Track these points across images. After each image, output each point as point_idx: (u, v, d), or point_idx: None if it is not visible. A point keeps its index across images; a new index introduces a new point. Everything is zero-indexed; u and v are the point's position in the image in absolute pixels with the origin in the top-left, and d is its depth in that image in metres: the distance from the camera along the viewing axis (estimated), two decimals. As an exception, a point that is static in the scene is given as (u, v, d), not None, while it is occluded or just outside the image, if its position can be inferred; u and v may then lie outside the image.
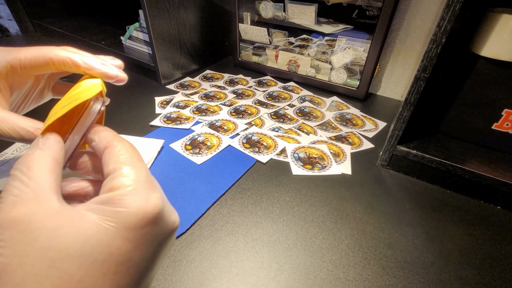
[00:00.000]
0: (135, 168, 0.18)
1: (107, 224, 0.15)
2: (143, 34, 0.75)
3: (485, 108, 0.42)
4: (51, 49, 0.23)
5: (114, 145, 0.19)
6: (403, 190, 0.42)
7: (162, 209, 0.17)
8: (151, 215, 0.16)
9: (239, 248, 0.32)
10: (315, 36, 0.72)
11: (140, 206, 0.16)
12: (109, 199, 0.16)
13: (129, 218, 0.16)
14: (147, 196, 0.17)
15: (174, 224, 0.18)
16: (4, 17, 0.99)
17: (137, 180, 0.17)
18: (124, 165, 0.18)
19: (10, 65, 0.23)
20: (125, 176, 0.17)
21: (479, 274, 0.31)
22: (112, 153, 0.18)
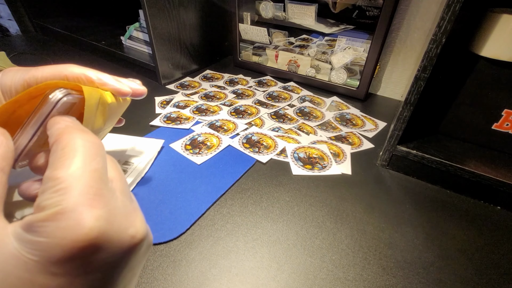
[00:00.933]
0: (74, 176, 0.14)
1: (26, 258, 0.12)
2: (143, 34, 0.75)
3: (485, 108, 0.42)
4: (66, 67, 0.23)
5: (59, 141, 0.15)
6: (403, 190, 0.42)
7: (103, 231, 0.13)
8: (84, 243, 0.13)
9: (239, 248, 0.32)
10: (315, 36, 0.72)
11: (66, 235, 0.12)
12: (30, 225, 0.13)
13: (53, 250, 0.12)
14: (78, 218, 0.13)
15: (133, 239, 0.15)
16: (4, 17, 0.99)
17: (70, 195, 0.13)
18: (59, 172, 0.14)
19: (27, 83, 0.23)
20: (54, 190, 0.13)
21: (479, 274, 0.31)
22: (54, 152, 0.15)
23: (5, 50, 0.70)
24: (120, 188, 0.16)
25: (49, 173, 0.14)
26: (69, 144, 0.15)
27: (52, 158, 0.15)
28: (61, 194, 0.13)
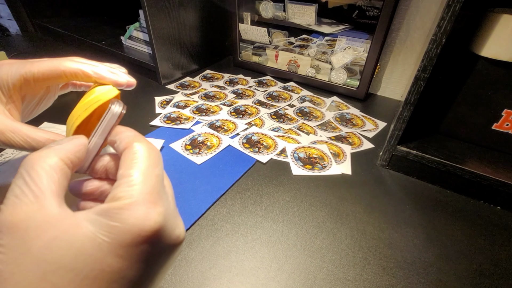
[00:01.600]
0: (143, 177, 0.17)
1: (101, 239, 0.15)
2: (143, 34, 0.75)
3: (485, 108, 0.42)
4: (62, 62, 0.24)
5: (132, 146, 0.18)
6: (403, 190, 0.42)
7: (162, 226, 0.16)
8: (148, 233, 0.15)
9: (239, 248, 0.32)
10: (315, 36, 0.72)
11: (136, 223, 0.15)
12: (107, 211, 0.15)
13: (124, 235, 0.15)
14: (146, 211, 0.16)
15: (178, 239, 0.17)
16: (4, 17, 0.99)
17: (140, 192, 0.16)
18: (132, 172, 0.17)
19: (23, 78, 0.24)
20: (128, 186, 0.16)
21: (479, 274, 0.31)
22: (127, 155, 0.18)
23: (5, 50, 0.70)
24: (170, 194, 0.19)
25: (123, 171, 0.17)
26: (140, 150, 0.18)
27: (125, 159, 0.17)
28: (134, 189, 0.16)
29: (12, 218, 0.14)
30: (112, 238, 0.15)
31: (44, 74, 0.24)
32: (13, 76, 0.23)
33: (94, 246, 0.14)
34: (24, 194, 0.15)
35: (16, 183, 0.15)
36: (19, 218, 0.14)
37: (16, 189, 0.15)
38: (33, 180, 0.15)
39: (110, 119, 0.20)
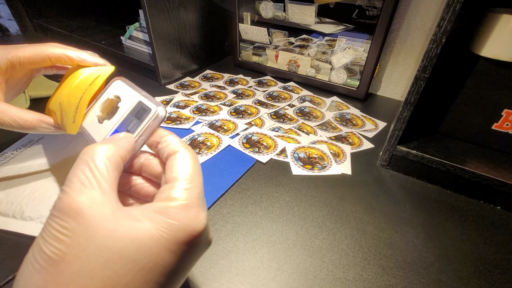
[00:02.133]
0: (194, 183, 0.18)
1: (159, 235, 0.16)
2: (143, 34, 0.75)
3: (485, 108, 0.42)
4: (47, 47, 0.27)
5: (182, 152, 0.20)
6: (403, 190, 0.42)
7: (206, 228, 0.18)
8: (197, 233, 0.17)
9: (239, 248, 0.32)
10: (315, 36, 0.72)
11: (190, 223, 0.17)
12: (165, 209, 0.17)
13: (180, 232, 0.16)
14: (197, 214, 0.17)
15: (209, 242, 0.19)
16: (4, 17, 0.99)
17: (192, 196, 0.18)
18: (185, 177, 0.18)
19: (10, 62, 0.26)
20: (183, 189, 0.18)
21: (479, 274, 0.31)
22: (178, 160, 0.19)
23: (5, 50, 0.70)
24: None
25: (177, 175, 0.18)
26: (190, 157, 0.20)
27: (176, 163, 0.19)
28: (188, 193, 0.18)
29: (78, 203, 0.15)
30: (169, 234, 0.16)
31: (29, 59, 0.26)
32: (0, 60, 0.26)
33: (152, 240, 0.16)
34: (90, 182, 0.16)
35: (81, 169, 0.16)
36: (85, 204, 0.15)
37: (81, 175, 0.16)
38: (99, 170, 0.17)
39: (155, 121, 0.22)
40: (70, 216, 0.15)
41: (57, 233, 0.15)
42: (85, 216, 0.15)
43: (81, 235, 0.15)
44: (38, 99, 0.56)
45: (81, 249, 0.15)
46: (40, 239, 0.15)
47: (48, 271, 0.14)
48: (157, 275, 0.16)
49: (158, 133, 0.21)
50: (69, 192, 0.16)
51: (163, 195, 0.18)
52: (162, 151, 0.21)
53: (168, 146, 0.20)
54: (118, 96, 0.24)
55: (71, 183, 0.16)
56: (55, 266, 0.14)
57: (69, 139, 0.45)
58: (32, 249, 0.15)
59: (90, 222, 0.15)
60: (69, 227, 0.15)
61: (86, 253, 0.15)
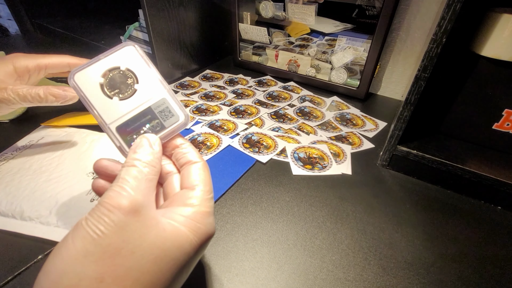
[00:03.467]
0: (212, 194, 0.21)
1: (192, 236, 0.18)
2: (143, 34, 0.75)
3: (486, 108, 0.42)
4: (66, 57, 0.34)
5: (203, 164, 0.22)
6: (403, 190, 0.42)
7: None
8: (211, 236, 0.20)
9: (239, 248, 0.32)
10: (315, 36, 0.72)
11: (210, 227, 0.20)
12: (195, 214, 0.19)
13: (203, 235, 0.19)
14: (213, 220, 0.21)
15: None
16: (4, 17, 0.99)
17: (211, 205, 0.21)
18: (207, 188, 0.21)
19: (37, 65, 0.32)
20: (206, 198, 0.20)
21: (479, 275, 0.31)
22: (200, 171, 0.22)
23: (5, 50, 0.70)
24: None
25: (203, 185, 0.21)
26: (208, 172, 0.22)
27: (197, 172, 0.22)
28: (209, 202, 0.21)
29: (138, 202, 0.17)
30: (197, 237, 0.19)
31: (54, 64, 0.33)
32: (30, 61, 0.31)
33: (187, 241, 0.18)
34: (146, 189, 0.18)
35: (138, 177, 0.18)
36: (143, 204, 0.17)
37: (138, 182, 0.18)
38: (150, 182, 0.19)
39: (179, 129, 0.23)
40: (129, 212, 0.16)
41: (115, 227, 0.16)
42: (141, 215, 0.17)
43: (137, 232, 0.16)
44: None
45: (136, 244, 0.16)
46: (91, 231, 0.15)
47: (104, 264, 0.15)
48: (185, 269, 0.19)
49: (178, 138, 0.24)
50: (129, 190, 0.17)
51: (188, 200, 0.20)
52: (179, 157, 0.23)
53: (187, 155, 0.23)
54: (134, 74, 0.22)
55: (128, 183, 0.17)
56: (112, 259, 0.15)
57: (69, 138, 0.45)
58: (79, 240, 0.15)
59: (146, 221, 0.17)
60: (127, 221, 0.16)
61: (140, 249, 0.16)
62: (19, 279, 0.28)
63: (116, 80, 0.22)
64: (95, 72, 0.21)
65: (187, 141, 0.24)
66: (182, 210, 0.19)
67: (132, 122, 0.21)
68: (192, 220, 0.19)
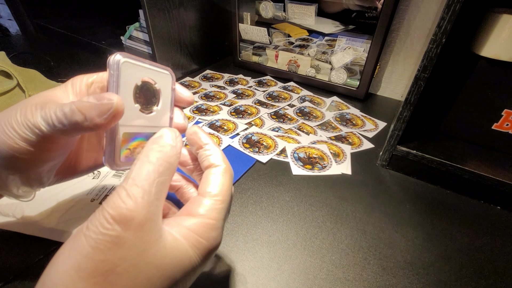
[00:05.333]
0: (225, 203, 0.19)
1: (192, 252, 0.17)
2: (143, 34, 0.75)
3: (485, 108, 0.42)
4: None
5: (222, 169, 0.20)
6: (403, 190, 0.42)
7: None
8: (214, 251, 0.19)
9: (239, 248, 0.32)
10: (315, 36, 0.72)
11: (214, 243, 0.18)
12: (198, 226, 0.17)
13: (204, 250, 0.17)
14: (219, 234, 0.19)
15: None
16: (4, 17, 0.99)
17: (220, 217, 0.19)
18: (219, 197, 0.19)
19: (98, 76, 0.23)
20: (215, 208, 0.19)
21: (479, 275, 0.31)
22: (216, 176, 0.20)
23: (5, 50, 0.70)
24: None
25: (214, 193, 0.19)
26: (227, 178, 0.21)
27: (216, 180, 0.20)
28: (218, 213, 0.19)
29: (142, 215, 0.15)
30: (198, 253, 0.17)
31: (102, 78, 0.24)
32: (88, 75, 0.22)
33: (186, 258, 0.17)
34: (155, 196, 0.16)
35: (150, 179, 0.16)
36: (146, 218, 0.15)
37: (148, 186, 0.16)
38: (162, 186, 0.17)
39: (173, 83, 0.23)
40: (130, 227, 0.14)
41: (112, 243, 0.14)
42: (144, 230, 0.15)
43: (135, 249, 0.15)
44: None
45: (132, 263, 0.14)
46: (88, 243, 0.14)
47: (96, 281, 0.14)
48: (180, 285, 0.17)
49: (201, 137, 0.22)
50: (136, 198, 0.15)
51: (195, 208, 0.18)
52: (203, 158, 0.21)
53: (210, 157, 0.21)
54: (159, 97, 0.22)
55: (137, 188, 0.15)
56: (104, 277, 0.14)
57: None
58: (74, 252, 0.14)
59: (146, 237, 0.15)
60: (126, 237, 0.14)
61: (135, 268, 0.15)
62: (19, 279, 0.28)
63: (146, 92, 0.21)
64: (140, 73, 0.21)
65: (212, 140, 0.22)
66: (186, 221, 0.17)
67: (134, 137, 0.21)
68: (194, 233, 0.17)
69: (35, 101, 0.19)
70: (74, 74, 0.23)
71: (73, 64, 0.77)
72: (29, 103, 0.18)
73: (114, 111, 0.17)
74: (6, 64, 0.60)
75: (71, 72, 0.71)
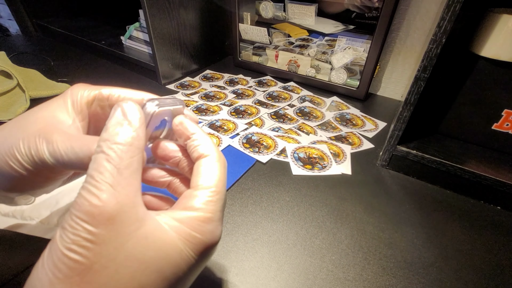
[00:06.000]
0: (219, 194, 0.18)
1: (183, 247, 0.16)
2: (143, 34, 0.75)
3: (485, 108, 0.42)
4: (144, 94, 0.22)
5: (212, 158, 0.19)
6: (403, 190, 0.42)
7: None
8: (213, 246, 0.17)
9: (239, 248, 0.32)
10: (315, 36, 0.72)
11: (210, 237, 0.17)
12: (190, 220, 0.16)
13: (199, 245, 0.16)
14: (217, 227, 0.17)
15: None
16: (4, 17, 0.99)
17: (216, 209, 0.17)
18: (212, 188, 0.18)
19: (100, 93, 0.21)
20: (209, 200, 0.17)
21: (479, 274, 0.31)
22: (207, 166, 0.18)
23: (5, 50, 0.70)
24: None
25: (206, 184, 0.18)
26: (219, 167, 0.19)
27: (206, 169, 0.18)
28: (213, 205, 0.17)
29: (110, 208, 0.14)
30: (190, 247, 0.16)
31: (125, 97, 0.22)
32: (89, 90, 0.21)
33: (176, 252, 0.15)
34: (120, 185, 0.14)
35: (106, 168, 0.14)
36: (117, 210, 0.14)
37: (108, 176, 0.14)
38: (125, 171, 0.15)
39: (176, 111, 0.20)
40: (100, 222, 0.14)
41: (84, 240, 0.13)
42: (116, 222, 0.14)
43: (111, 243, 0.14)
44: (38, 99, 0.56)
45: (110, 258, 0.14)
46: (61, 245, 0.14)
47: (73, 281, 0.13)
48: (174, 283, 0.16)
49: (188, 127, 0.20)
50: (98, 193, 0.14)
51: (188, 202, 0.17)
52: (192, 150, 0.19)
53: (199, 147, 0.19)
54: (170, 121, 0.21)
55: (97, 183, 0.14)
56: (81, 276, 0.13)
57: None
58: (50, 255, 0.14)
59: (121, 229, 0.14)
60: (98, 233, 0.14)
61: (115, 263, 0.14)
62: (19, 279, 0.28)
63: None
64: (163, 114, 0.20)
65: (200, 129, 0.20)
66: (176, 214, 0.16)
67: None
68: (186, 226, 0.16)
69: (36, 127, 0.18)
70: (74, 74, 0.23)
71: (73, 64, 0.77)
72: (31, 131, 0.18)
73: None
74: (6, 64, 0.60)
75: (71, 72, 0.71)
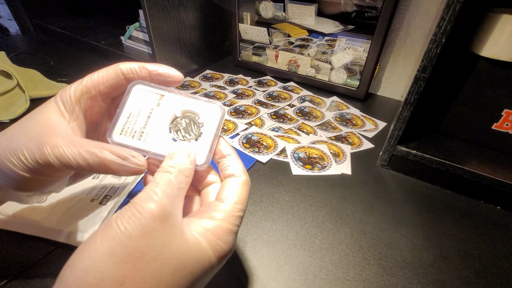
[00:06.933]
0: (243, 212, 0.21)
1: (211, 253, 0.18)
2: (143, 34, 0.75)
3: (485, 108, 0.42)
4: (117, 64, 0.23)
5: (244, 180, 0.22)
6: (403, 190, 0.42)
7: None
8: (229, 255, 0.20)
9: (239, 248, 0.32)
10: (315, 36, 0.72)
11: (230, 246, 0.19)
12: (217, 229, 0.18)
13: (221, 253, 0.18)
14: (235, 239, 0.20)
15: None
16: (4, 17, 0.99)
17: (237, 224, 0.20)
18: (240, 206, 0.20)
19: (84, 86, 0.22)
20: (235, 215, 0.20)
21: (479, 274, 0.31)
22: (240, 186, 0.21)
23: (5, 50, 0.70)
24: None
25: (236, 201, 0.20)
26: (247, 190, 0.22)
27: (236, 187, 0.21)
28: (236, 220, 0.20)
29: (168, 209, 0.17)
30: (215, 254, 0.18)
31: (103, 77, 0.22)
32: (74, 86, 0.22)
33: (206, 257, 0.18)
34: (174, 197, 0.18)
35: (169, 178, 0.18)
36: (169, 212, 0.17)
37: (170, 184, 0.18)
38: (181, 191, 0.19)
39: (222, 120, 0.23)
40: (158, 219, 0.16)
41: (143, 231, 0.16)
42: (169, 222, 0.17)
43: (162, 239, 0.16)
44: (38, 99, 0.56)
45: (160, 252, 0.16)
46: (120, 231, 0.15)
47: (126, 267, 0.15)
48: (199, 285, 0.18)
49: (224, 147, 0.23)
50: (160, 195, 0.17)
51: (214, 212, 0.19)
52: (223, 168, 0.22)
53: (232, 167, 0.22)
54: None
55: (160, 188, 0.17)
56: (134, 263, 0.15)
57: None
58: (108, 240, 0.15)
59: (171, 229, 0.17)
60: (155, 228, 0.16)
61: (162, 257, 0.16)
62: (19, 279, 0.28)
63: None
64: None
65: (234, 152, 0.23)
66: (205, 222, 0.19)
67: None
68: (213, 235, 0.18)
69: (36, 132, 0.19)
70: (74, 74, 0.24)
71: (73, 64, 0.77)
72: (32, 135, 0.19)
73: (138, 171, 0.20)
74: (6, 64, 0.60)
75: (71, 72, 0.71)
